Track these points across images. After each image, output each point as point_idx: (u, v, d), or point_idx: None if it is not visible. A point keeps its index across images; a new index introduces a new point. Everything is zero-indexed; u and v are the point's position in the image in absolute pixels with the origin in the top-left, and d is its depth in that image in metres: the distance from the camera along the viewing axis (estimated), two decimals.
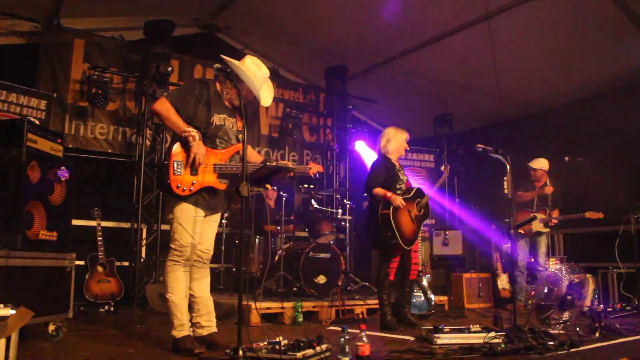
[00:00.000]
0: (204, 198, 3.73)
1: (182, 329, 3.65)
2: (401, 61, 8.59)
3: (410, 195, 5.14)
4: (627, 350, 4.08)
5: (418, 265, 5.32)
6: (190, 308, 3.80)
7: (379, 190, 5.04)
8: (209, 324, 3.84)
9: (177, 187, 3.58)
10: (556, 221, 6.86)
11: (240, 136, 3.82)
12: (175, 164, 3.58)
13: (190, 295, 3.80)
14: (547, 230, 7.07)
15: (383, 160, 5.28)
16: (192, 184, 3.62)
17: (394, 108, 10.22)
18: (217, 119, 3.76)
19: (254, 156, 4.05)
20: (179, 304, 3.68)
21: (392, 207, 4.94)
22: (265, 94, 3.90)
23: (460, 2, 6.97)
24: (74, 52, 7.33)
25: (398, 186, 5.15)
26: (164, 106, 3.63)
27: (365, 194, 5.26)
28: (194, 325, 3.81)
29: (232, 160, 3.77)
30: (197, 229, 3.72)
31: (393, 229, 4.92)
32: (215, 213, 3.89)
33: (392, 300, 5.25)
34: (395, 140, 5.30)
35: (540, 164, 7.18)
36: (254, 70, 3.77)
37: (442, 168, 5.55)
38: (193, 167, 3.61)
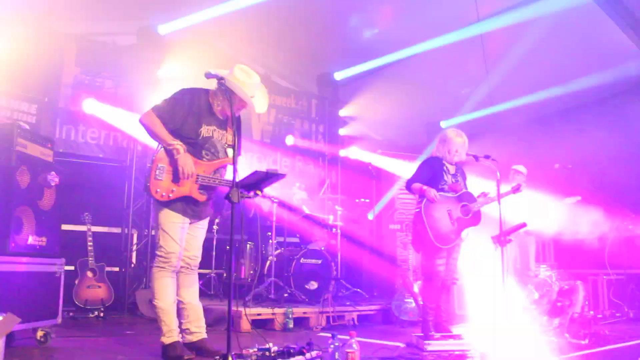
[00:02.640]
0: (189, 206, 3.72)
1: (170, 335, 3.64)
2: (393, 69, 8.61)
3: (455, 195, 5.02)
4: (616, 357, 4.10)
5: (453, 272, 5.02)
6: (180, 314, 3.79)
7: (415, 185, 4.98)
8: (198, 330, 3.82)
9: (156, 192, 3.58)
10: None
11: (228, 150, 3.82)
12: (157, 169, 3.59)
13: (179, 301, 3.79)
14: (536, 226, 6.95)
15: (431, 160, 5.19)
16: (172, 191, 3.61)
17: (386, 115, 10.24)
18: (205, 130, 3.74)
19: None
20: (167, 310, 3.67)
21: (424, 201, 4.89)
22: (259, 101, 3.90)
23: (452, 10, 7.00)
24: (65, 56, 7.30)
25: (440, 186, 5.00)
26: (150, 119, 3.62)
27: (406, 190, 5.17)
28: (183, 331, 3.79)
29: (217, 173, 3.76)
30: (182, 236, 3.72)
31: (424, 223, 4.83)
32: (200, 220, 3.88)
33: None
34: (444, 143, 5.12)
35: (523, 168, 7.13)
36: (244, 79, 3.74)
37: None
38: (176, 176, 3.60)
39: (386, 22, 7.42)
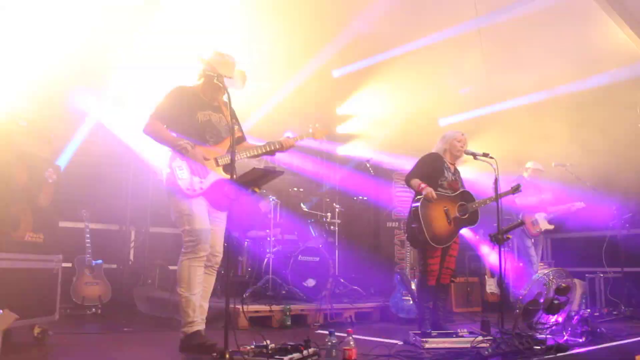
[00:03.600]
0: (215, 194, 3.74)
1: (193, 326, 3.61)
2: (387, 65, 8.58)
3: (453, 194, 5.02)
4: (614, 355, 4.11)
5: (450, 270, 5.05)
6: None
7: (414, 181, 4.97)
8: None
9: (187, 190, 3.61)
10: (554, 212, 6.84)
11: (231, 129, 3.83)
12: (178, 170, 3.62)
13: None
14: (552, 227, 6.96)
15: (432, 156, 5.19)
16: (201, 182, 3.65)
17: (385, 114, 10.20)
18: (201, 115, 3.80)
19: (250, 147, 4.00)
20: (192, 301, 3.63)
21: (422, 200, 4.86)
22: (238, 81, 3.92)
23: (450, 8, 6.97)
24: None
25: (440, 182, 5.01)
26: (153, 127, 3.69)
27: (406, 185, 5.16)
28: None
29: (229, 152, 3.77)
30: (208, 219, 3.71)
31: (420, 221, 4.82)
32: (222, 211, 3.87)
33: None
34: (444, 141, 5.21)
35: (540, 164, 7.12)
36: (219, 59, 3.81)
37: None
38: (196, 170, 3.64)
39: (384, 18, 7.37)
